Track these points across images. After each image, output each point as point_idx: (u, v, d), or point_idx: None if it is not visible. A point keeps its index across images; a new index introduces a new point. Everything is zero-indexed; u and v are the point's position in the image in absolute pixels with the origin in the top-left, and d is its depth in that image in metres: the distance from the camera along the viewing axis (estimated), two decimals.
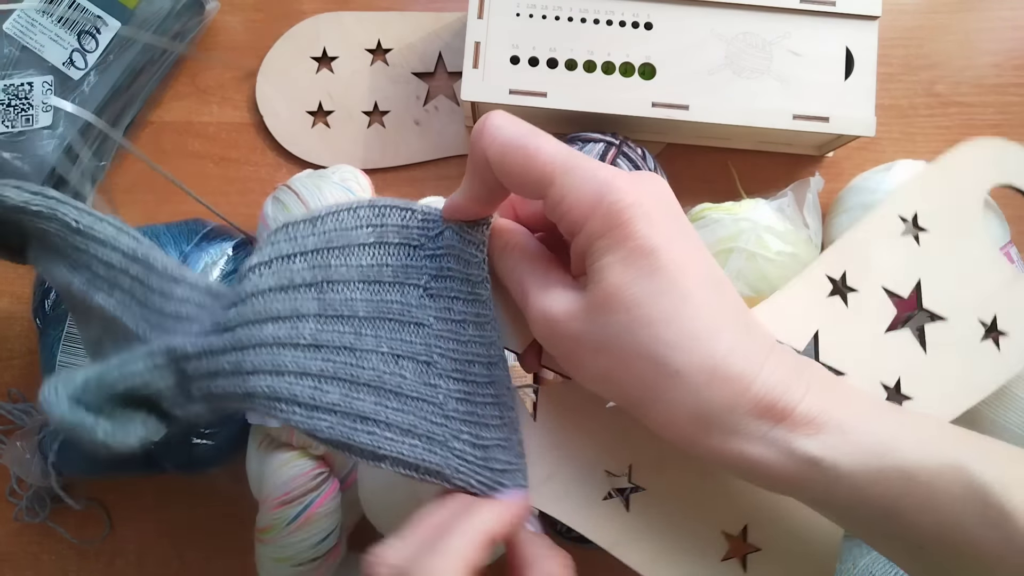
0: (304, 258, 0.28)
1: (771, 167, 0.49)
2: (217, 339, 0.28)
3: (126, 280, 0.30)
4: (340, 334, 0.28)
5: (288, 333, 0.27)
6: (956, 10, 0.51)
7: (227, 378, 0.27)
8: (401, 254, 0.29)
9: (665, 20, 0.44)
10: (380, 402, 0.27)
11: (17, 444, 0.43)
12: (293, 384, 0.27)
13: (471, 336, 0.28)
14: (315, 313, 0.28)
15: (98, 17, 0.46)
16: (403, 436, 0.27)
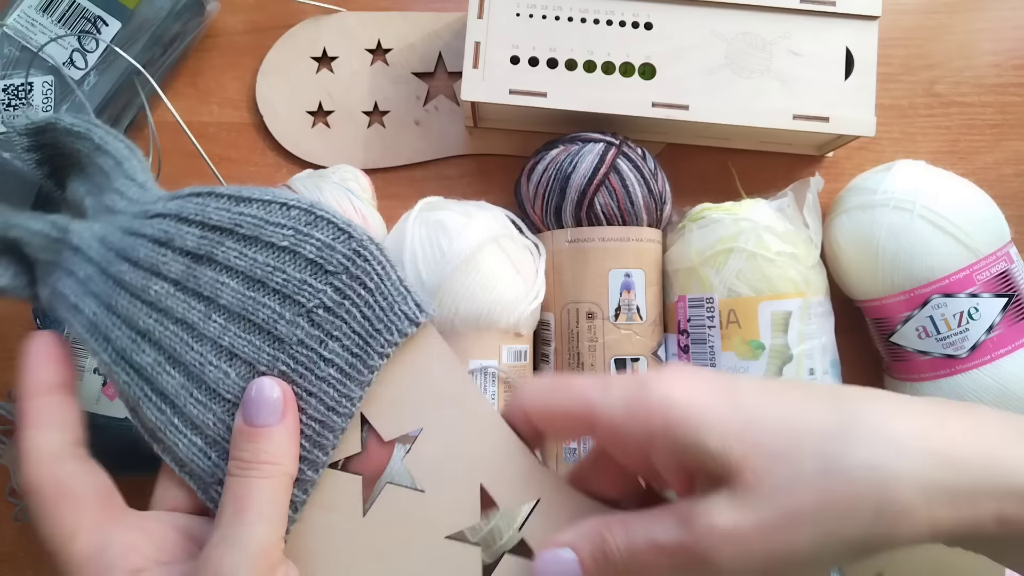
0: (200, 228, 0.28)
1: (771, 167, 0.49)
2: (95, 246, 0.28)
3: (105, 182, 0.31)
4: (187, 308, 0.27)
5: (138, 282, 0.28)
6: (956, 10, 0.51)
7: (73, 283, 0.28)
8: (307, 269, 0.28)
9: (665, 20, 0.44)
10: (188, 387, 0.27)
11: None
12: (114, 328, 0.27)
13: (330, 376, 0.27)
14: (175, 279, 0.27)
15: (98, 17, 0.46)
16: (190, 431, 0.27)
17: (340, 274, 0.27)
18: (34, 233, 0.29)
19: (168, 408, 0.27)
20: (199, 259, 0.28)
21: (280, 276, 0.27)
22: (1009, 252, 0.41)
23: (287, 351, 0.27)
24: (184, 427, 0.27)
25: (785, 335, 0.40)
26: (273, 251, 0.28)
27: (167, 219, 0.28)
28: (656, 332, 0.43)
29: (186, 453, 0.27)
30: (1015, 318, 0.40)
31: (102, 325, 0.28)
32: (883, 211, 0.42)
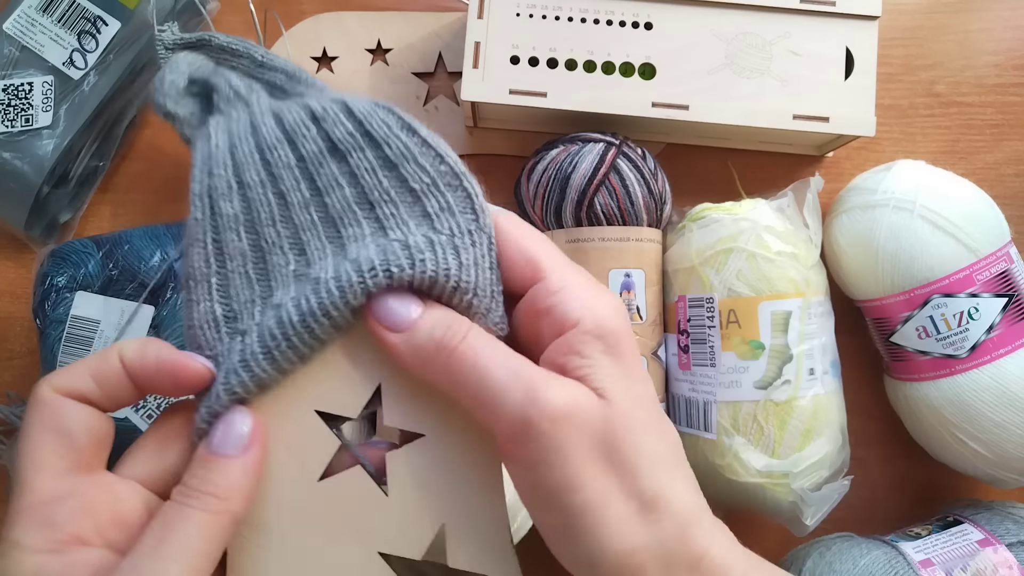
0: (356, 126, 0.27)
1: (771, 167, 0.49)
2: (264, 105, 0.29)
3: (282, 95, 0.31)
4: (295, 186, 0.27)
5: (270, 138, 0.27)
6: (956, 10, 0.51)
7: (222, 121, 0.28)
8: (416, 217, 0.27)
9: (665, 20, 0.44)
10: (246, 256, 0.26)
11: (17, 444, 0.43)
12: (222, 167, 0.27)
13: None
14: (303, 155, 0.27)
15: (98, 17, 0.46)
16: (220, 296, 0.26)
17: (443, 234, 0.26)
18: (231, 85, 0.29)
19: (216, 264, 0.26)
20: (335, 151, 0.27)
21: (391, 208, 0.26)
22: (1009, 252, 0.41)
23: (338, 263, 0.26)
24: (217, 290, 0.26)
25: (785, 335, 0.40)
26: (400, 185, 0.27)
27: (336, 104, 0.28)
28: (656, 332, 0.43)
29: (201, 316, 0.26)
30: (1015, 318, 0.40)
31: (215, 158, 0.27)
32: (883, 211, 0.42)
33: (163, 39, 0.33)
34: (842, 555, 0.40)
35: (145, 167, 0.49)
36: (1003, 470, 0.41)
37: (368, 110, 0.28)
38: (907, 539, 0.41)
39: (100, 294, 0.41)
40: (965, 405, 0.40)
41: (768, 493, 0.39)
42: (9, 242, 0.48)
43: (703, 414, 0.41)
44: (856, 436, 0.43)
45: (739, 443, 0.39)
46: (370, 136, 0.27)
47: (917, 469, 0.48)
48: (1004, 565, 0.38)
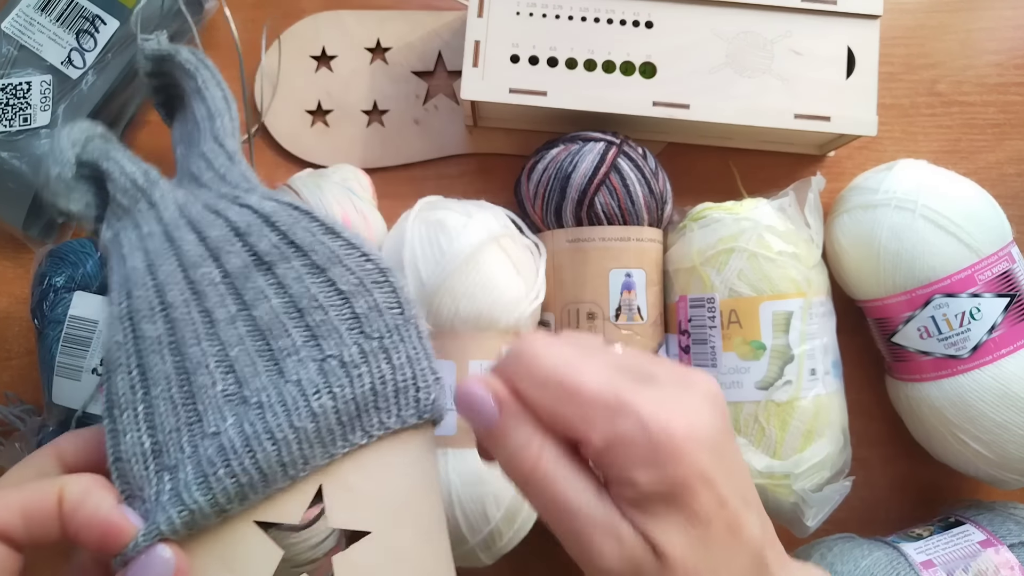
0: (280, 237, 0.27)
1: (772, 166, 0.49)
2: (171, 209, 0.29)
3: (196, 132, 0.33)
4: (221, 303, 0.26)
5: (194, 256, 0.27)
6: (957, 9, 0.51)
7: (134, 236, 0.28)
8: (347, 321, 0.26)
9: (666, 19, 0.44)
10: (171, 380, 0.25)
11: (16, 445, 0.43)
12: (142, 287, 0.27)
13: (303, 428, 0.25)
14: (228, 271, 0.27)
15: (96, 16, 0.45)
16: (145, 426, 0.25)
17: (373, 339, 0.26)
18: (125, 173, 0.29)
19: (141, 390, 0.25)
20: (261, 264, 0.27)
21: (320, 315, 0.26)
22: (1011, 252, 0.41)
23: (279, 389, 0.25)
24: (143, 419, 0.25)
25: (786, 335, 0.39)
26: (329, 289, 0.27)
27: (257, 215, 0.28)
28: (657, 332, 0.43)
29: (128, 448, 0.24)
30: (1017, 318, 0.40)
31: (134, 280, 0.27)
32: (885, 211, 0.41)
33: (144, 48, 0.34)
34: (843, 556, 0.40)
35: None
36: (1005, 471, 0.41)
37: (291, 219, 0.28)
38: (909, 540, 0.41)
39: (99, 294, 0.40)
40: (967, 405, 0.40)
41: (769, 494, 0.39)
42: (7, 242, 0.48)
43: None
44: (857, 437, 0.43)
45: (740, 444, 0.39)
46: (295, 245, 0.27)
47: (919, 470, 0.47)
48: (1006, 566, 0.38)
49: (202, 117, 0.32)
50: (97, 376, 0.40)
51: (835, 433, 0.40)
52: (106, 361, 0.26)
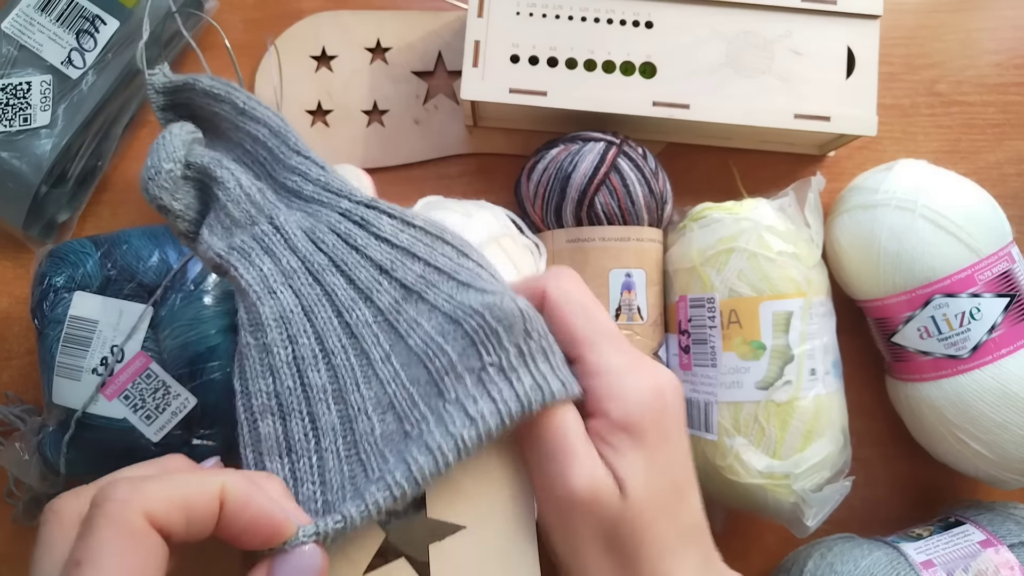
0: (424, 266, 0.28)
1: (772, 166, 0.49)
2: (300, 236, 0.29)
3: (264, 152, 0.31)
4: (376, 343, 0.27)
5: (347, 302, 0.28)
6: (957, 9, 0.51)
7: (274, 267, 0.29)
8: (503, 321, 0.27)
9: (666, 19, 0.44)
10: (336, 431, 0.26)
11: (16, 445, 0.43)
12: (304, 334, 0.28)
13: (461, 436, 0.25)
14: (380, 308, 0.28)
15: (97, 16, 0.45)
16: (318, 477, 0.26)
17: (532, 338, 0.26)
18: (240, 185, 0.29)
19: (313, 439, 0.26)
20: (410, 295, 0.28)
21: (477, 320, 0.26)
22: (1011, 252, 0.41)
23: (437, 410, 0.26)
24: (316, 471, 0.26)
25: (786, 335, 0.39)
26: (479, 297, 0.27)
27: (397, 249, 0.28)
28: (657, 332, 0.43)
29: (304, 501, 0.25)
30: (1017, 318, 0.40)
31: (294, 325, 0.27)
32: (884, 211, 0.41)
33: (154, 82, 0.33)
34: (843, 556, 0.40)
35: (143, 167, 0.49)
36: (1005, 471, 0.41)
37: (430, 247, 0.28)
38: (908, 540, 0.41)
39: (98, 294, 0.40)
40: (967, 405, 0.40)
41: (769, 494, 0.39)
42: (7, 242, 0.48)
43: (704, 415, 0.41)
44: (857, 436, 0.43)
45: (740, 444, 0.39)
46: (440, 270, 0.28)
47: (919, 470, 0.47)
48: (1006, 566, 0.38)
49: (265, 136, 0.31)
50: (96, 376, 0.40)
51: (835, 433, 0.40)
52: (268, 406, 0.27)
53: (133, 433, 0.40)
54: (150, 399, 0.40)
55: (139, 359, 0.40)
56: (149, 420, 0.40)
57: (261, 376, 0.27)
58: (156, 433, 0.40)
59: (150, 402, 0.40)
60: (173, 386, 0.40)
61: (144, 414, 0.40)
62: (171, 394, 0.40)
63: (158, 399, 0.40)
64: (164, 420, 0.40)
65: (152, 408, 0.40)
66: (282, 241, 0.29)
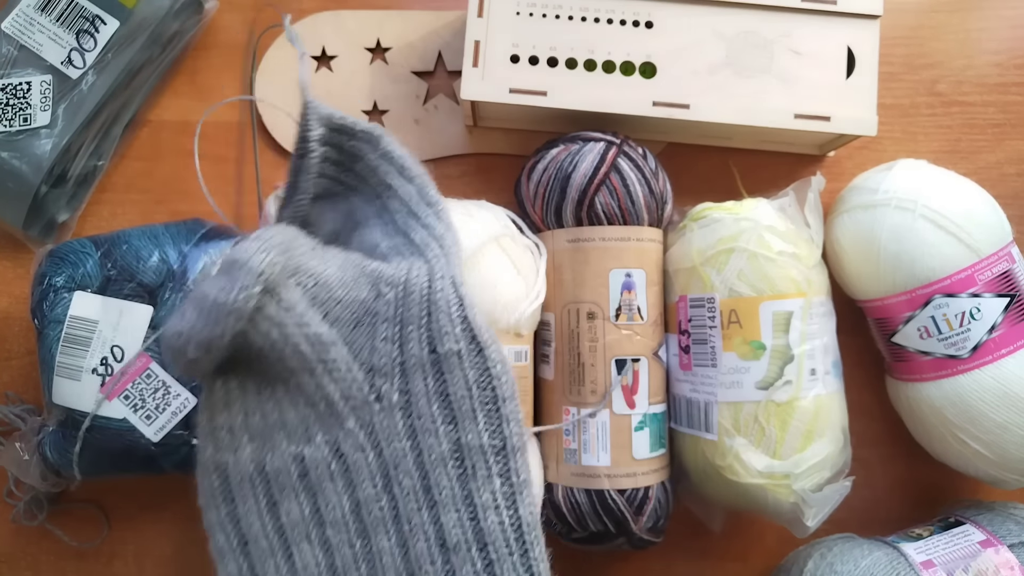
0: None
1: (772, 166, 0.49)
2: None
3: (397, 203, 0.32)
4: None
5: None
6: (957, 9, 0.51)
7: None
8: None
9: (666, 19, 0.44)
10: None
11: (16, 445, 0.43)
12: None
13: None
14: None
15: (97, 16, 0.45)
16: None
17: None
18: (350, 368, 0.30)
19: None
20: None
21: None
22: (1011, 252, 0.41)
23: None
24: None
25: (786, 335, 0.39)
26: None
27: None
28: (657, 332, 0.43)
29: None
30: (1017, 318, 0.40)
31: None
32: (885, 211, 0.41)
33: (309, 134, 0.32)
34: (843, 556, 0.40)
35: (144, 166, 0.49)
36: (1005, 471, 0.41)
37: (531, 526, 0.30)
38: (908, 540, 0.41)
39: (98, 294, 0.40)
40: (967, 406, 0.40)
41: (769, 494, 0.39)
42: (7, 242, 0.48)
43: (704, 415, 0.41)
44: (857, 437, 0.43)
45: (740, 444, 0.39)
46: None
47: (918, 470, 0.47)
48: (1006, 566, 0.38)
49: (401, 183, 0.32)
50: (96, 376, 0.40)
51: (835, 433, 0.40)
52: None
53: (133, 433, 0.40)
54: (150, 399, 0.40)
55: (139, 359, 0.40)
56: (149, 420, 0.40)
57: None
58: (156, 433, 0.40)
59: (150, 402, 0.40)
60: (173, 386, 0.40)
61: (144, 414, 0.40)
62: (171, 394, 0.40)
63: (158, 399, 0.40)
64: (164, 420, 0.40)
65: (152, 408, 0.40)
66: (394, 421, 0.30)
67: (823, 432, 0.39)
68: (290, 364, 0.29)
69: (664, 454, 0.42)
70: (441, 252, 0.32)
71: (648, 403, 0.41)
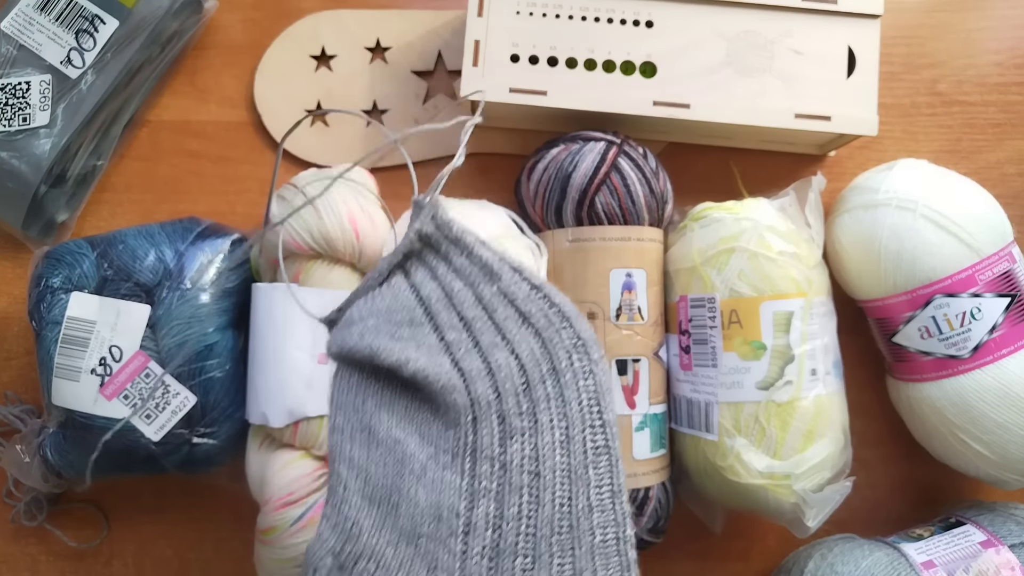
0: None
1: (773, 166, 0.49)
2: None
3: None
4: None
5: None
6: (958, 9, 0.51)
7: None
8: None
9: (666, 18, 0.44)
10: None
11: (17, 447, 0.43)
12: None
13: None
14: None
15: (96, 16, 0.45)
16: None
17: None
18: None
19: None
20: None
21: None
22: (1012, 252, 0.41)
23: None
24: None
25: (787, 335, 0.39)
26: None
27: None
28: (657, 332, 0.42)
29: None
30: (1018, 318, 0.40)
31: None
32: (885, 210, 0.41)
33: (422, 231, 0.31)
34: (844, 556, 0.40)
35: (143, 166, 0.49)
36: (1005, 471, 0.41)
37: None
38: (909, 540, 0.40)
39: (95, 294, 0.40)
40: (967, 406, 0.40)
41: (770, 494, 0.39)
42: (7, 242, 0.48)
43: (704, 415, 0.41)
44: (858, 437, 0.43)
45: (741, 444, 0.39)
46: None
47: (919, 470, 0.47)
48: (1006, 566, 0.38)
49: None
50: (96, 376, 0.40)
51: (836, 433, 0.40)
52: None
53: (133, 433, 0.40)
54: (150, 398, 0.40)
55: (138, 358, 0.40)
56: (149, 419, 0.40)
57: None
58: (156, 432, 0.40)
59: (150, 401, 0.40)
60: (172, 385, 0.40)
61: (144, 413, 0.40)
62: (170, 393, 0.40)
63: (157, 398, 0.40)
64: (164, 419, 0.40)
65: (152, 407, 0.40)
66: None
67: (824, 432, 0.39)
68: None
69: (664, 454, 0.42)
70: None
71: (648, 403, 0.41)
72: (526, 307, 0.30)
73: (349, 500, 0.30)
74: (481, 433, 0.29)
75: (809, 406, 0.39)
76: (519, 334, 0.30)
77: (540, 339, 0.30)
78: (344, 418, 0.30)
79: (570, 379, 0.30)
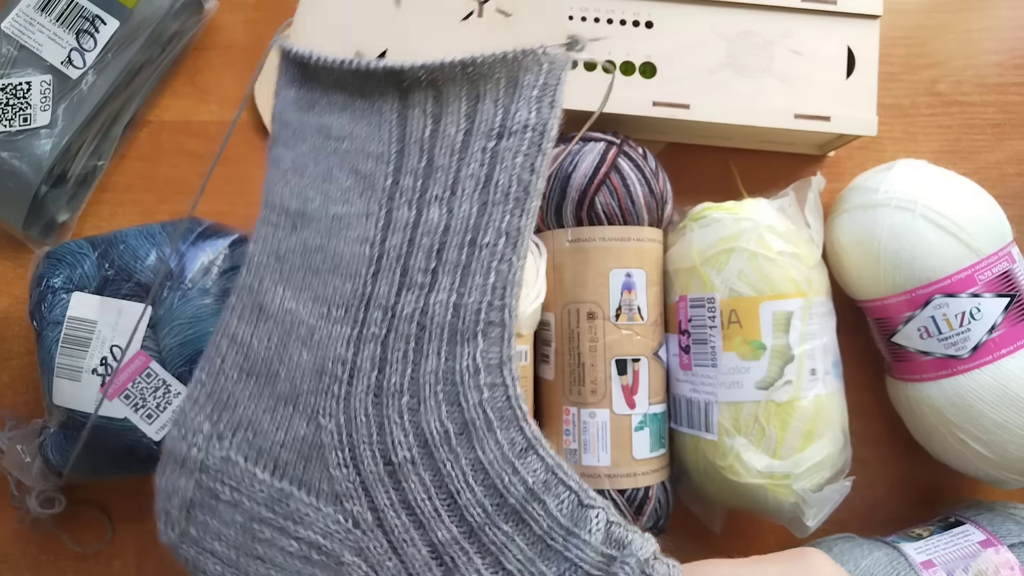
0: None
1: (772, 166, 0.49)
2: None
3: None
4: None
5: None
6: (957, 9, 0.51)
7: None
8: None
9: (666, 19, 0.44)
10: None
11: (17, 447, 0.43)
12: None
13: None
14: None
15: (97, 16, 0.45)
16: None
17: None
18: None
19: None
20: None
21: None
22: (1011, 252, 0.41)
23: None
24: None
25: (787, 335, 0.39)
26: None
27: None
28: (657, 332, 0.43)
29: None
30: (1017, 318, 0.40)
31: None
32: (885, 211, 0.41)
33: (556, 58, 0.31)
34: (843, 556, 0.40)
35: (144, 166, 0.49)
36: (1005, 471, 0.41)
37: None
38: (908, 540, 0.41)
39: (96, 294, 0.40)
40: (967, 405, 0.40)
41: (769, 494, 0.39)
42: (7, 242, 0.48)
43: (704, 415, 0.41)
44: (857, 437, 0.43)
45: (740, 444, 0.39)
46: None
47: (919, 470, 0.47)
48: (1006, 566, 0.38)
49: None
50: (96, 376, 0.40)
51: (835, 433, 0.40)
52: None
53: (135, 432, 0.40)
54: (151, 398, 0.40)
55: (139, 358, 0.40)
56: (150, 419, 0.40)
57: None
58: (157, 432, 0.40)
59: (151, 401, 0.40)
60: (173, 385, 0.40)
61: (145, 413, 0.40)
62: (172, 393, 0.40)
63: (159, 398, 0.40)
64: (165, 419, 0.40)
65: (153, 407, 0.40)
66: None
67: (823, 432, 0.39)
68: (262, 535, 0.30)
69: (664, 454, 0.42)
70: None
71: (648, 403, 0.41)
72: (499, 175, 0.30)
73: (226, 372, 0.31)
74: (380, 284, 0.30)
75: (808, 406, 0.39)
76: (467, 196, 0.30)
77: (483, 209, 0.30)
78: (237, 299, 0.32)
79: (485, 256, 0.30)
